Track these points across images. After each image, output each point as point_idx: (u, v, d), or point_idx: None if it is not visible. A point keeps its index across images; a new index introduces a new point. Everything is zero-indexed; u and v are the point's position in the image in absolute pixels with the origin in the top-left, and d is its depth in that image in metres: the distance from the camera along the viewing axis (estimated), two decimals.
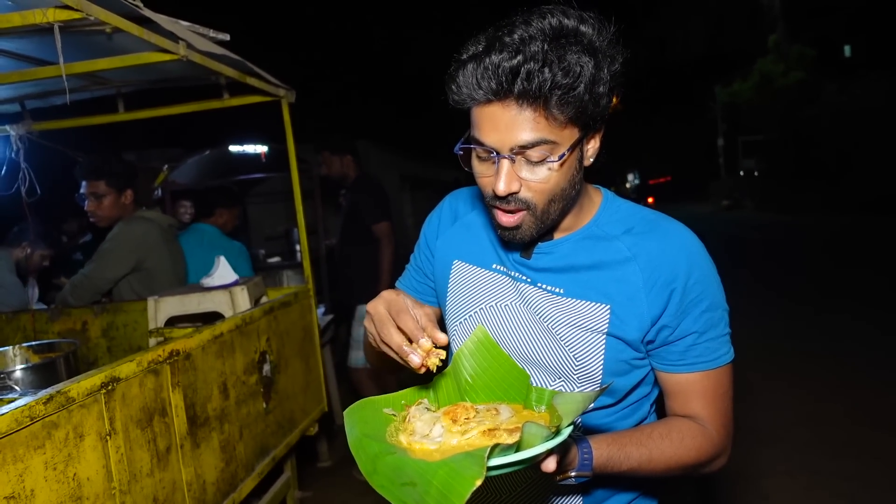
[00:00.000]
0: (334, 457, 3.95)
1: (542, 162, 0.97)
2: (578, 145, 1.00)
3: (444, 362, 0.96)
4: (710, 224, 20.17)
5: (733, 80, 27.13)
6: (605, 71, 0.94)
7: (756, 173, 27.76)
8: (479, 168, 1.04)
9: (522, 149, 0.96)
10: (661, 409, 1.20)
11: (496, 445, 0.78)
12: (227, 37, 2.19)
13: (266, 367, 2.32)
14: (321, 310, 4.02)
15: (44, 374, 1.96)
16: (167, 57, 2.06)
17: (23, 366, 2.05)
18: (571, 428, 0.84)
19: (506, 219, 1.04)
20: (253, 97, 2.88)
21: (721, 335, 1.09)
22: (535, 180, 0.99)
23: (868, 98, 19.10)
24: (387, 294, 1.00)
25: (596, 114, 0.97)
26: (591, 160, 1.06)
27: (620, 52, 0.98)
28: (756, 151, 27.56)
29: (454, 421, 0.93)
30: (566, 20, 0.94)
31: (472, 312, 1.21)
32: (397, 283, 1.44)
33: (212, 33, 2.13)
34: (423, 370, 0.93)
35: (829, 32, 24.48)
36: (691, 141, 35.97)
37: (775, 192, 24.25)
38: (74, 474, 1.29)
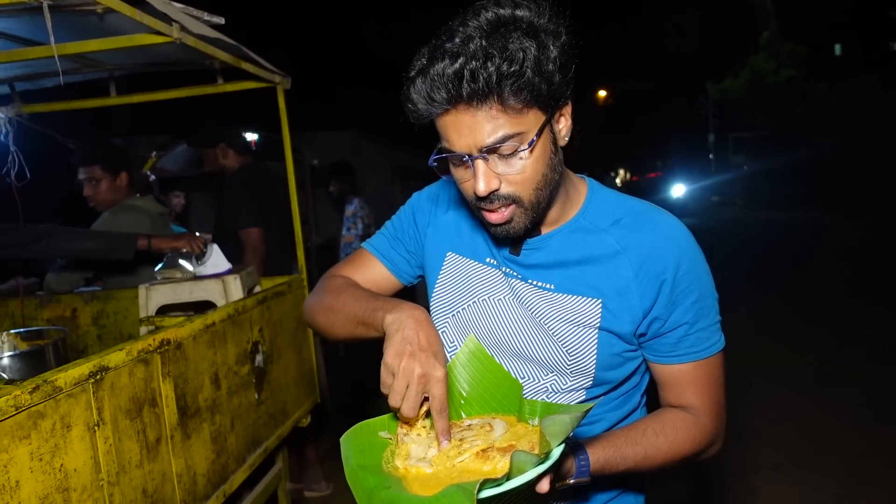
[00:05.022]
0: (322, 449, 3.92)
1: (514, 154, 0.96)
2: (547, 127, 0.98)
3: None
4: (700, 220, 20.27)
5: (725, 76, 27.21)
6: (552, 48, 0.93)
7: (745, 168, 27.87)
8: (458, 174, 1.03)
9: (491, 148, 0.95)
10: (651, 398, 1.20)
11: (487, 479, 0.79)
12: (221, 20, 2.15)
13: (258, 358, 2.29)
14: None
15: (32, 362, 1.92)
16: (160, 39, 2.01)
17: (11, 353, 2.01)
18: (562, 448, 0.84)
19: (494, 216, 1.02)
20: (247, 83, 2.83)
21: (712, 324, 1.09)
22: (512, 173, 0.98)
23: (857, 96, 19.23)
24: (439, 373, 0.95)
25: (554, 92, 0.95)
26: (567, 139, 1.05)
27: (564, 24, 0.96)
28: (746, 148, 27.70)
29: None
30: (501, 10, 0.93)
31: (465, 305, 1.20)
32: (366, 245, 1.36)
33: (206, 16, 2.08)
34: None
35: (820, 31, 24.59)
36: (682, 137, 36.11)
37: (765, 189, 24.39)
38: (61, 465, 1.26)
